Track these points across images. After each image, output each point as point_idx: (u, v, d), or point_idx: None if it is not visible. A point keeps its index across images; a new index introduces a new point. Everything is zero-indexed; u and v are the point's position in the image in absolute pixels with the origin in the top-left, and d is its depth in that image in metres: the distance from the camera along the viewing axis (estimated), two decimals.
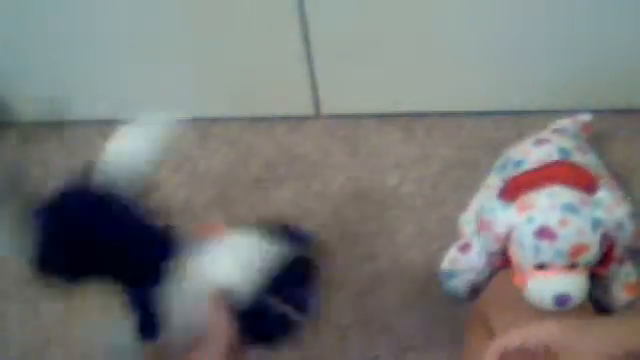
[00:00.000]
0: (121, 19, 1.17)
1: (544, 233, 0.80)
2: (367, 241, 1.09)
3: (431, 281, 1.01)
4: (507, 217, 0.84)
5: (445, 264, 1.00)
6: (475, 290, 0.96)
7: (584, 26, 1.08)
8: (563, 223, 0.80)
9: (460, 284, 0.97)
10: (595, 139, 1.10)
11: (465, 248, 0.99)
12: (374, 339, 0.98)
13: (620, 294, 0.93)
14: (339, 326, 0.98)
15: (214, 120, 1.31)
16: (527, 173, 0.93)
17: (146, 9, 1.15)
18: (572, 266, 0.81)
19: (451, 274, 0.98)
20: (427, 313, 0.99)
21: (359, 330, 0.99)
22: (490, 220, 0.86)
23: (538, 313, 0.82)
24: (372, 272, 1.05)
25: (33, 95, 1.34)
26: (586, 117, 1.06)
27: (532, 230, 0.81)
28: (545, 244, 0.80)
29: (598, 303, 0.92)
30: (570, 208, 0.81)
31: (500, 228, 0.84)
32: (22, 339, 1.05)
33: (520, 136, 1.03)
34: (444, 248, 1.02)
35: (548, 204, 0.82)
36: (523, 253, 0.82)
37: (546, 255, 0.80)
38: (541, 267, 0.81)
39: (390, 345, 0.97)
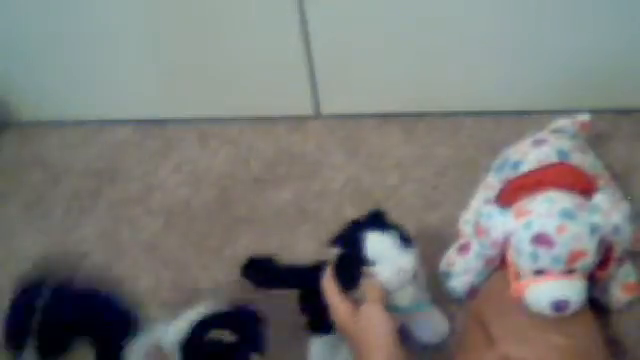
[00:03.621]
0: (123, 20, 1.17)
1: (541, 239, 0.80)
2: None
3: (431, 282, 1.01)
4: (504, 223, 0.83)
5: (444, 265, 1.00)
6: (474, 290, 0.96)
7: (584, 26, 1.08)
8: (560, 229, 0.79)
9: (459, 285, 0.97)
10: (595, 139, 1.10)
11: (463, 249, 0.99)
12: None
13: (619, 294, 0.93)
14: None
15: (214, 120, 1.31)
16: (525, 175, 0.93)
17: (146, 10, 1.15)
18: (570, 271, 0.80)
19: (450, 275, 0.98)
20: None
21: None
22: (487, 226, 0.85)
23: (535, 315, 0.82)
24: None
25: (33, 95, 1.34)
26: (585, 117, 1.06)
27: (529, 236, 0.81)
28: (542, 250, 0.80)
29: (597, 303, 0.92)
30: (567, 214, 0.80)
31: (497, 234, 0.84)
32: None
33: (520, 136, 1.03)
34: (444, 248, 1.02)
35: (545, 210, 0.81)
36: (521, 259, 0.82)
37: (544, 261, 0.80)
38: (539, 273, 0.81)
39: None
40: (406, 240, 0.84)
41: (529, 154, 0.95)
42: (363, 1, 1.10)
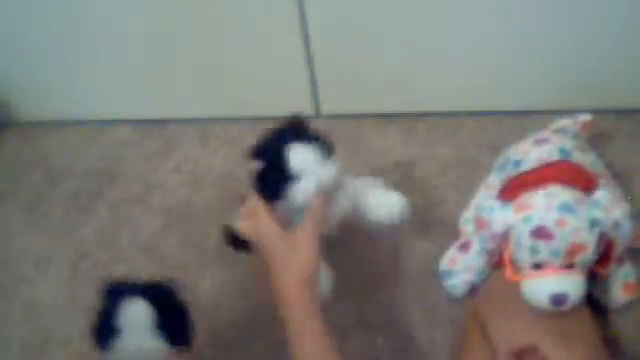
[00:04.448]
0: (123, 20, 1.17)
1: (540, 233, 0.80)
2: (367, 241, 1.09)
3: (431, 281, 1.01)
4: (505, 217, 0.84)
5: (444, 263, 1.00)
6: (474, 289, 0.96)
7: (584, 26, 1.08)
8: (560, 223, 0.80)
9: (459, 283, 0.97)
10: (595, 139, 1.10)
11: (464, 247, 0.99)
12: (374, 339, 0.98)
13: (619, 294, 0.93)
14: (340, 327, 0.98)
15: (214, 120, 1.31)
16: (526, 173, 0.93)
17: (146, 10, 1.15)
18: (569, 266, 0.81)
19: (450, 273, 0.98)
20: (427, 313, 0.99)
21: (359, 330, 0.99)
22: (488, 219, 0.86)
23: (534, 316, 0.82)
24: (372, 272, 1.05)
25: (33, 95, 1.34)
26: (586, 117, 1.06)
27: (529, 230, 0.81)
28: (542, 244, 0.80)
29: (597, 302, 0.92)
30: (567, 208, 0.80)
31: (497, 227, 0.84)
32: (22, 339, 1.05)
33: (520, 136, 1.03)
34: (444, 248, 1.02)
35: (545, 204, 0.82)
36: (520, 253, 0.82)
37: (543, 255, 0.80)
38: (538, 267, 0.81)
39: (390, 345, 0.97)
40: (328, 151, 0.84)
41: (531, 153, 0.96)
42: (363, 1, 1.10)
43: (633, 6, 1.04)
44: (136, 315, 0.77)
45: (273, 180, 0.83)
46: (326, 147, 0.84)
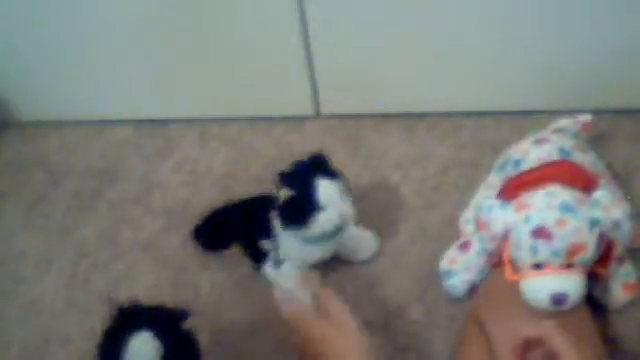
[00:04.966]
0: (123, 20, 1.17)
1: (540, 233, 0.80)
2: None
3: (431, 281, 1.01)
4: (504, 216, 0.84)
5: (444, 263, 1.00)
6: (474, 289, 0.96)
7: (584, 27, 1.08)
8: (560, 223, 0.80)
9: (459, 283, 0.97)
10: (595, 139, 1.10)
11: (464, 247, 0.99)
12: (374, 339, 0.98)
13: (619, 293, 0.93)
14: None
15: (214, 120, 1.31)
16: (526, 173, 0.93)
17: (147, 10, 1.15)
18: (569, 266, 0.81)
19: (450, 273, 0.98)
20: (427, 313, 0.99)
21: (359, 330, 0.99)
22: (488, 219, 0.86)
23: (532, 315, 0.82)
24: (372, 272, 1.05)
25: (33, 95, 1.34)
26: (586, 117, 1.06)
27: (529, 230, 0.81)
28: (541, 244, 0.80)
29: (597, 302, 0.92)
30: (567, 208, 0.81)
31: (497, 227, 0.84)
32: (22, 339, 1.05)
33: (520, 136, 1.03)
34: (444, 248, 1.02)
35: (545, 204, 0.82)
36: (520, 253, 0.82)
37: (542, 255, 0.80)
38: (538, 267, 0.81)
39: (390, 345, 0.97)
40: (347, 187, 0.93)
41: (530, 153, 0.96)
42: (363, 1, 1.10)
43: (632, 6, 1.04)
44: (141, 348, 0.76)
45: (300, 209, 0.90)
46: (345, 184, 0.93)
